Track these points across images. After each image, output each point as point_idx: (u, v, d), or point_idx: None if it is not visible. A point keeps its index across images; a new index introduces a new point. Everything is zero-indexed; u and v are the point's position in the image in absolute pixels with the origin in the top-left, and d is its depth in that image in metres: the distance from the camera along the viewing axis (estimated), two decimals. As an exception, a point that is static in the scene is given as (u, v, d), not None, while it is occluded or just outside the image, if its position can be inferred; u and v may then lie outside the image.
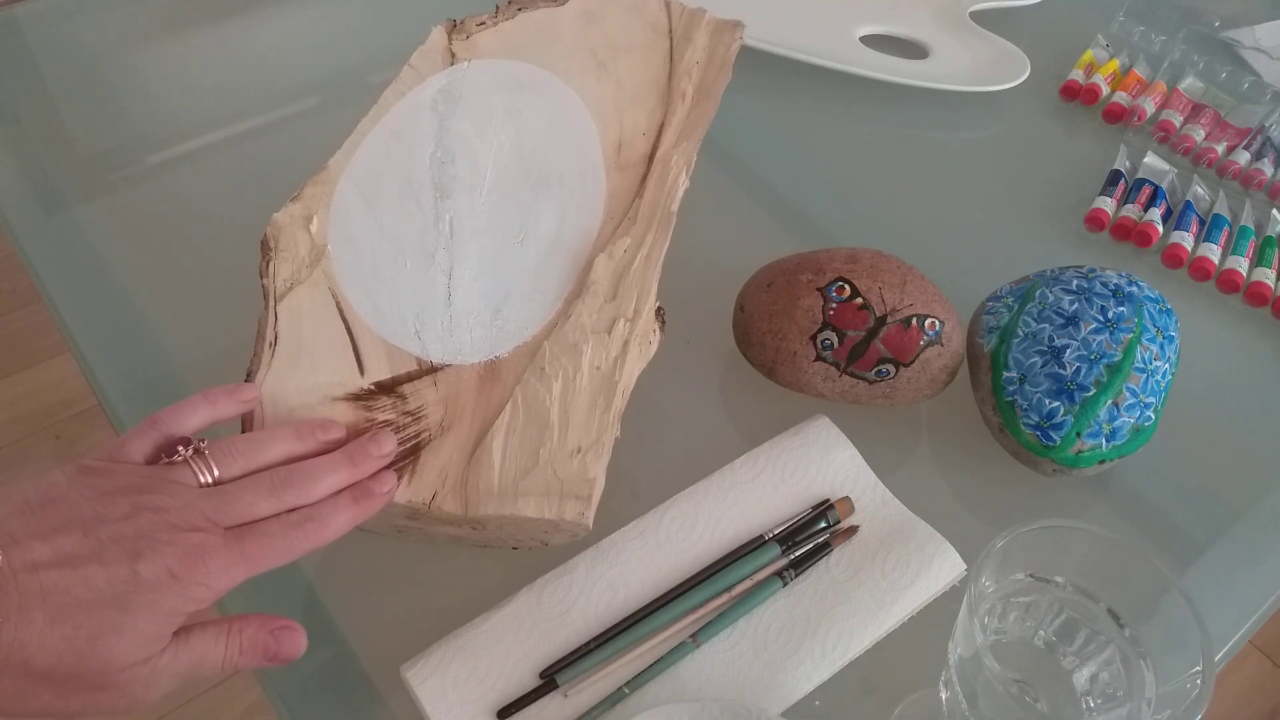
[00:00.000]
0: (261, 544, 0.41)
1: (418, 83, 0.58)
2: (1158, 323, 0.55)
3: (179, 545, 0.39)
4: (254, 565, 0.41)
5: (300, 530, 0.42)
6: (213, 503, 0.41)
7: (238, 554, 0.40)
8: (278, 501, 0.42)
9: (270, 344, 0.49)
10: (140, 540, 0.38)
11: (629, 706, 0.47)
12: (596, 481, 0.48)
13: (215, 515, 0.41)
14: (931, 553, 0.52)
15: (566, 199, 0.56)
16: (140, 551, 0.38)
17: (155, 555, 0.38)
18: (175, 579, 0.38)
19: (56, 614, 0.36)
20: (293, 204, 0.53)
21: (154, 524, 0.39)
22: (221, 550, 0.40)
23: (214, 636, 0.40)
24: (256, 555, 0.41)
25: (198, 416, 0.45)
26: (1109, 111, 0.81)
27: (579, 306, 0.52)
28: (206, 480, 0.42)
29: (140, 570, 0.37)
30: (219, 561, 0.39)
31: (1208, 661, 0.37)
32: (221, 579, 0.39)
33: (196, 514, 0.40)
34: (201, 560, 0.39)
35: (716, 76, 0.60)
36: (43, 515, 0.38)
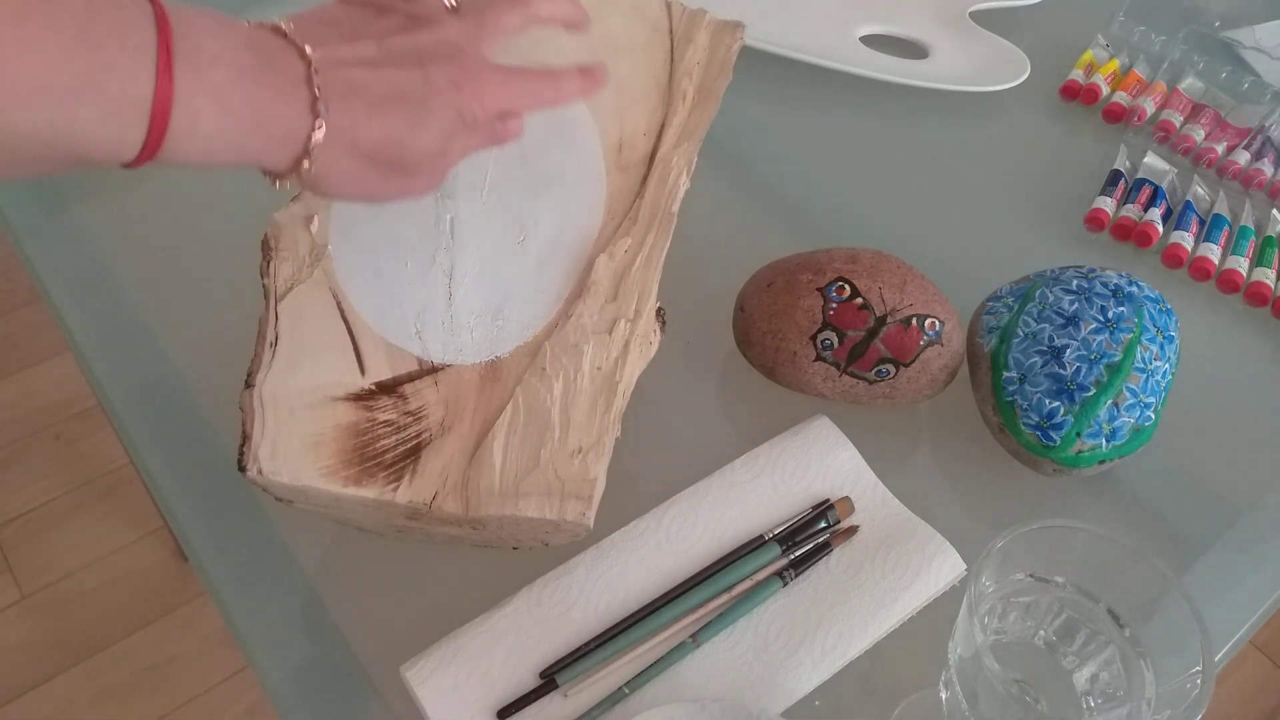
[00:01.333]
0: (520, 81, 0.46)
1: (418, 83, 0.58)
2: (1158, 323, 0.55)
3: (456, 60, 0.43)
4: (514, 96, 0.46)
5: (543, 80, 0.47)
6: (468, 23, 0.45)
7: (502, 79, 0.45)
8: (525, 14, 0.48)
9: (271, 344, 0.49)
10: (424, 53, 0.43)
11: (629, 706, 0.47)
12: (597, 482, 0.48)
13: (474, 34, 0.45)
14: (931, 553, 0.52)
15: (567, 199, 0.56)
16: (426, 61, 0.42)
17: (438, 66, 0.43)
18: (460, 87, 0.43)
19: (372, 105, 0.41)
20: (293, 204, 0.53)
21: (434, 42, 0.43)
22: (492, 70, 0.45)
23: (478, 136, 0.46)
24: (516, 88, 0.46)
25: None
26: (1109, 111, 0.81)
27: (580, 307, 0.52)
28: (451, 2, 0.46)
29: (431, 76, 0.42)
30: (489, 79, 0.44)
31: (1208, 661, 0.37)
32: (495, 97, 0.44)
33: (457, 34, 0.44)
34: (476, 74, 0.44)
35: (717, 77, 0.60)
36: (338, 27, 0.42)
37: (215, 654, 1.33)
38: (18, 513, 1.46)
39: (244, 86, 0.37)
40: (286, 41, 0.40)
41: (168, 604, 1.37)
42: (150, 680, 1.31)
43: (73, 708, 1.29)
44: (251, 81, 0.38)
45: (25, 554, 1.42)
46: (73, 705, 1.29)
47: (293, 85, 0.39)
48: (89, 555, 1.42)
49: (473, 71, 0.44)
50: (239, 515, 0.54)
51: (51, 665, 1.32)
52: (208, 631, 1.35)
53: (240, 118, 0.38)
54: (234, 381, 0.49)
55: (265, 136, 0.39)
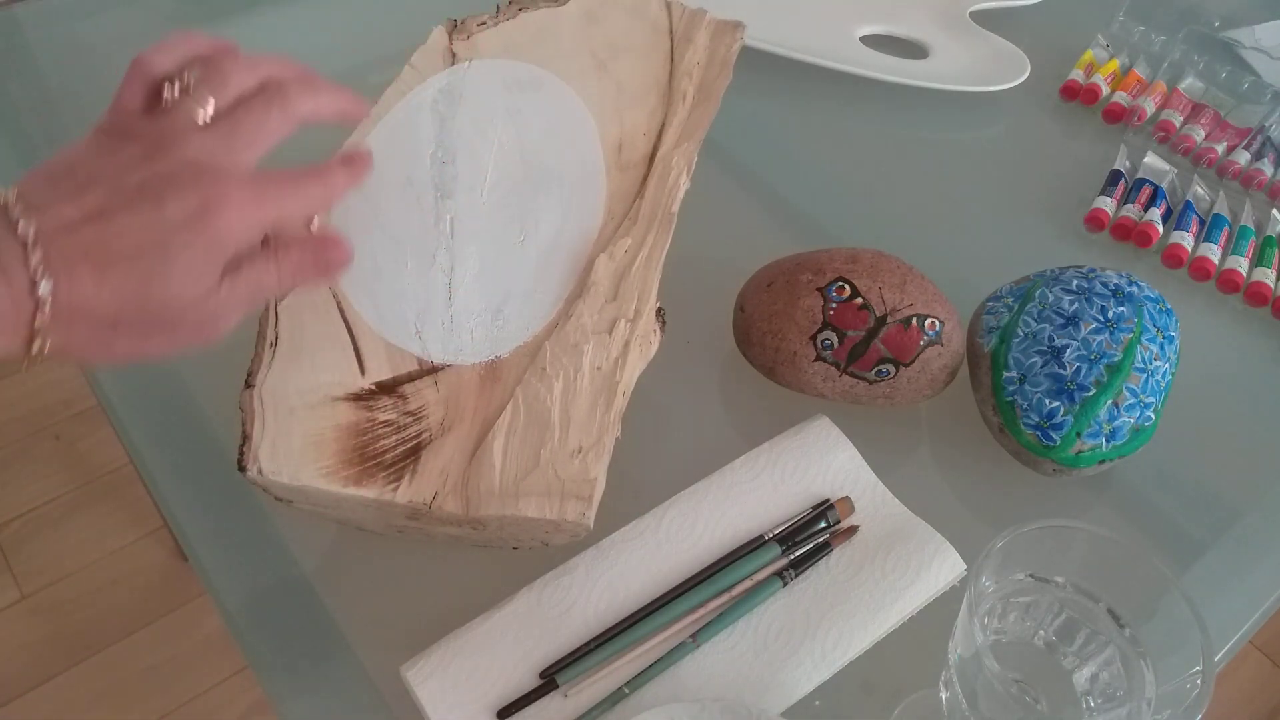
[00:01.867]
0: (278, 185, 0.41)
1: (418, 82, 0.58)
2: (1158, 323, 0.55)
3: (201, 181, 0.39)
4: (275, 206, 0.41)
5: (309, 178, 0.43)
6: (219, 136, 0.40)
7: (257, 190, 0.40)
8: (285, 119, 0.42)
9: (271, 344, 0.49)
10: (162, 183, 0.38)
11: (629, 706, 0.47)
12: (597, 482, 0.48)
13: (227, 148, 0.40)
14: (931, 553, 0.52)
15: (567, 199, 0.56)
16: (164, 194, 0.38)
17: (179, 195, 0.38)
18: (205, 213, 0.38)
19: (102, 267, 0.37)
20: (293, 204, 0.53)
21: (172, 167, 0.39)
22: (241, 184, 0.40)
23: (263, 262, 0.42)
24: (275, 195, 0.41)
25: (177, 50, 0.44)
26: (1109, 111, 0.81)
27: (580, 307, 0.52)
28: (206, 115, 0.41)
29: (169, 212, 0.38)
30: (239, 195, 0.39)
31: (1208, 661, 0.37)
32: (249, 213, 0.40)
33: (204, 151, 0.40)
34: (224, 194, 0.39)
35: (717, 77, 0.60)
36: (66, 181, 0.38)
37: (215, 654, 1.33)
38: (18, 513, 1.46)
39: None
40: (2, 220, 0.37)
41: (168, 604, 1.37)
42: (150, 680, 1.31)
43: (73, 708, 1.29)
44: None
45: (25, 554, 1.42)
46: (73, 705, 1.29)
47: (7, 269, 0.36)
48: (89, 555, 1.42)
49: (220, 195, 0.39)
50: (239, 515, 0.54)
51: (51, 665, 1.32)
52: (208, 631, 1.35)
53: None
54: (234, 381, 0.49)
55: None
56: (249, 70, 0.43)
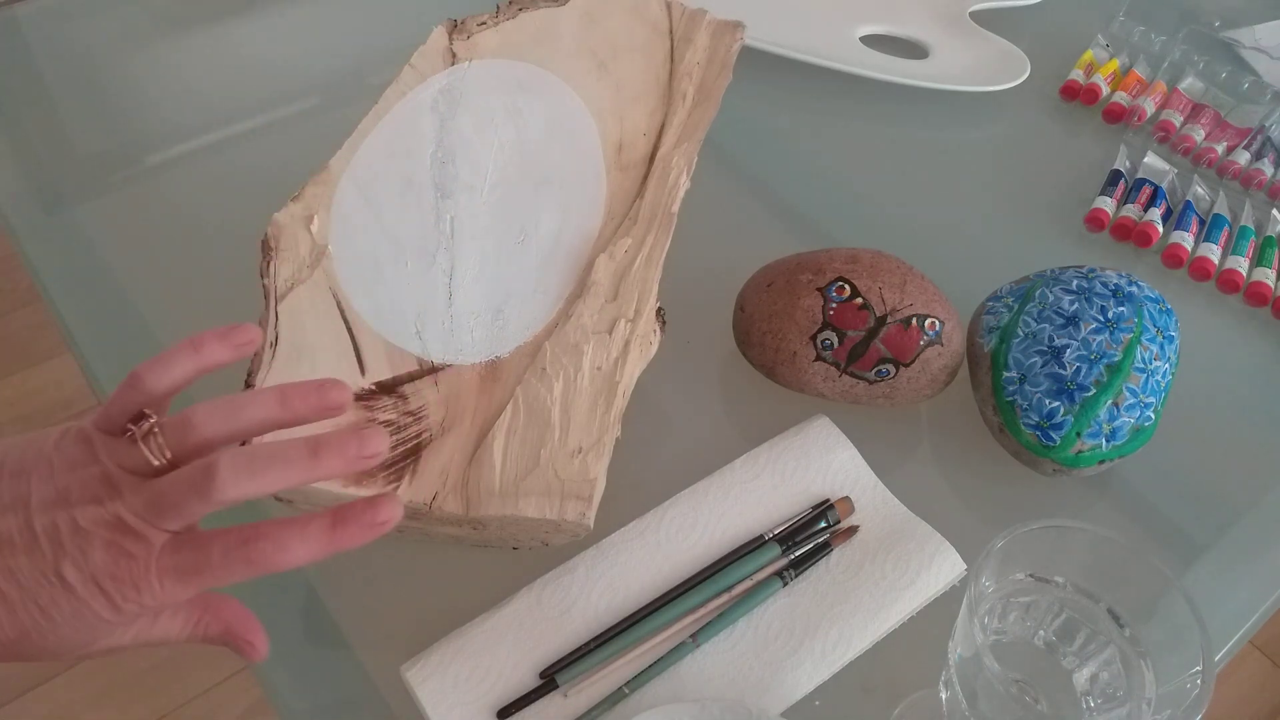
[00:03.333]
0: (196, 562, 0.35)
1: (418, 83, 0.58)
2: (1158, 323, 0.55)
3: (110, 550, 0.34)
4: (190, 584, 0.35)
5: (244, 551, 0.36)
6: (144, 499, 0.35)
7: (170, 568, 0.35)
8: (206, 502, 0.35)
9: (271, 344, 0.49)
10: (74, 539, 0.34)
11: (629, 706, 0.47)
12: (597, 482, 0.48)
13: (150, 516, 0.35)
14: (931, 553, 0.52)
15: (567, 199, 0.56)
16: (68, 553, 0.34)
17: (84, 559, 0.34)
18: (101, 590, 0.34)
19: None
20: (293, 204, 0.53)
21: (90, 519, 0.35)
22: (152, 561, 0.35)
23: (181, 623, 0.38)
24: (190, 573, 0.35)
25: (179, 370, 0.38)
26: (1109, 111, 0.81)
27: (580, 307, 0.52)
28: (160, 464, 0.36)
29: (65, 573, 0.34)
30: (148, 578, 0.35)
31: (1208, 661, 0.37)
32: (153, 595, 0.35)
33: (131, 512, 0.35)
34: (129, 570, 0.34)
35: (717, 77, 0.60)
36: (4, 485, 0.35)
37: (215, 654, 1.33)
38: (18, 513, 1.46)
39: None
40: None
41: (168, 604, 1.37)
42: (150, 680, 1.31)
43: (73, 708, 1.29)
44: None
45: (25, 554, 1.42)
46: (73, 705, 1.29)
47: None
48: (89, 555, 1.41)
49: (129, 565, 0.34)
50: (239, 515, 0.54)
51: (51, 665, 1.32)
52: (208, 631, 1.35)
53: None
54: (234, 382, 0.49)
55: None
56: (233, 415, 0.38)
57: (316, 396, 0.38)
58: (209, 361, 0.39)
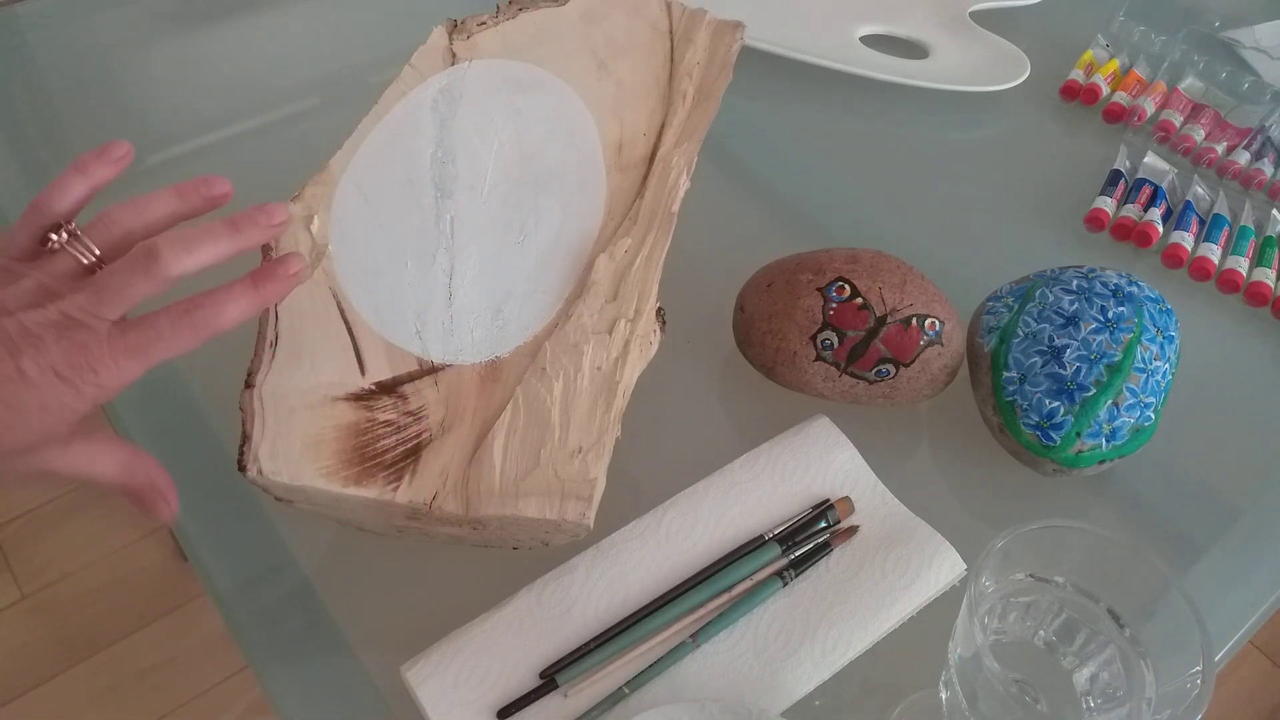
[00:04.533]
0: (147, 335, 0.39)
1: (418, 82, 0.58)
2: (1158, 323, 0.55)
3: (62, 343, 0.37)
4: (143, 357, 0.39)
5: (189, 319, 0.40)
6: (87, 294, 0.39)
7: (123, 348, 0.38)
8: (152, 279, 0.39)
9: (270, 344, 0.49)
10: (24, 337, 0.37)
11: (629, 706, 0.47)
12: (597, 482, 0.48)
13: (93, 306, 0.38)
14: (931, 553, 0.52)
15: (567, 199, 0.56)
16: (22, 349, 0.37)
17: (38, 353, 0.37)
18: (61, 378, 0.37)
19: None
20: (293, 204, 0.53)
21: (34, 321, 0.38)
22: (105, 345, 0.38)
23: (115, 462, 0.41)
24: (143, 347, 0.39)
25: (75, 191, 0.42)
26: (1109, 111, 0.81)
27: (580, 307, 0.52)
28: (88, 261, 0.40)
29: (25, 368, 0.37)
30: (103, 357, 0.38)
31: (1208, 661, 0.37)
32: (111, 375, 0.38)
33: (73, 307, 0.38)
34: (86, 356, 0.38)
35: (717, 77, 0.60)
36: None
37: (215, 654, 1.33)
38: (18, 513, 1.46)
39: None
40: None
41: (168, 604, 1.37)
42: (150, 680, 1.31)
43: (73, 708, 1.29)
44: None
45: (25, 554, 1.42)
46: (73, 705, 1.29)
47: None
48: (89, 555, 1.42)
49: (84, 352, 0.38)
50: (239, 515, 0.54)
51: (51, 665, 1.32)
52: (208, 631, 1.35)
53: None
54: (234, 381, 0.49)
55: None
56: (140, 213, 0.42)
57: (205, 187, 0.44)
58: (97, 180, 0.43)
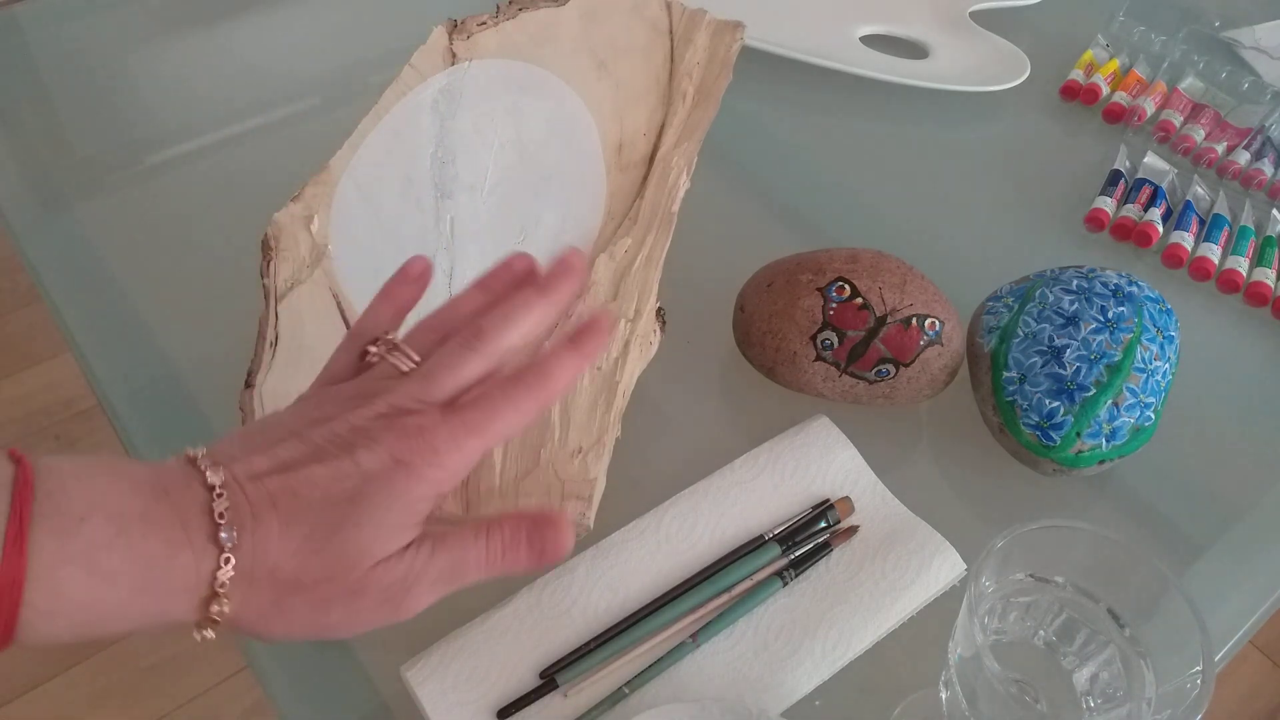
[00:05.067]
0: (484, 411, 0.38)
1: (418, 82, 0.58)
2: (1158, 323, 0.55)
3: (395, 430, 0.36)
4: (482, 434, 0.38)
5: (520, 388, 0.39)
6: (415, 382, 0.38)
7: (460, 425, 0.37)
8: (480, 355, 0.39)
9: (271, 344, 0.49)
10: (355, 434, 0.36)
11: (629, 706, 0.47)
12: (597, 482, 0.48)
13: (423, 394, 0.38)
14: (931, 553, 0.52)
15: (567, 199, 0.56)
16: (356, 444, 0.36)
17: (373, 445, 0.36)
18: (401, 464, 0.36)
19: (290, 516, 0.35)
20: (293, 204, 0.53)
21: (365, 418, 0.37)
22: (441, 425, 0.37)
23: (471, 535, 0.39)
24: (482, 424, 0.38)
25: (385, 314, 0.43)
26: (1109, 111, 0.81)
27: (580, 307, 0.52)
28: (408, 367, 0.40)
29: (361, 461, 0.36)
30: (441, 436, 0.37)
31: (1208, 661, 0.37)
32: (452, 456, 0.37)
33: (402, 397, 0.37)
34: (423, 441, 0.36)
35: (717, 77, 0.60)
36: (259, 436, 0.37)
37: (215, 654, 1.33)
38: (18, 513, 1.46)
39: (126, 539, 0.32)
40: (190, 469, 0.35)
41: (168, 604, 1.37)
42: (150, 680, 1.31)
43: (73, 708, 1.29)
44: (137, 531, 0.33)
45: (25, 554, 1.42)
46: (73, 705, 1.29)
47: (191, 521, 0.34)
48: (89, 555, 1.41)
49: (418, 442, 0.36)
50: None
51: (51, 665, 1.32)
52: (208, 631, 1.35)
53: (121, 577, 0.32)
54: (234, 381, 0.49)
55: (162, 590, 0.33)
56: (451, 315, 0.42)
57: (506, 272, 0.43)
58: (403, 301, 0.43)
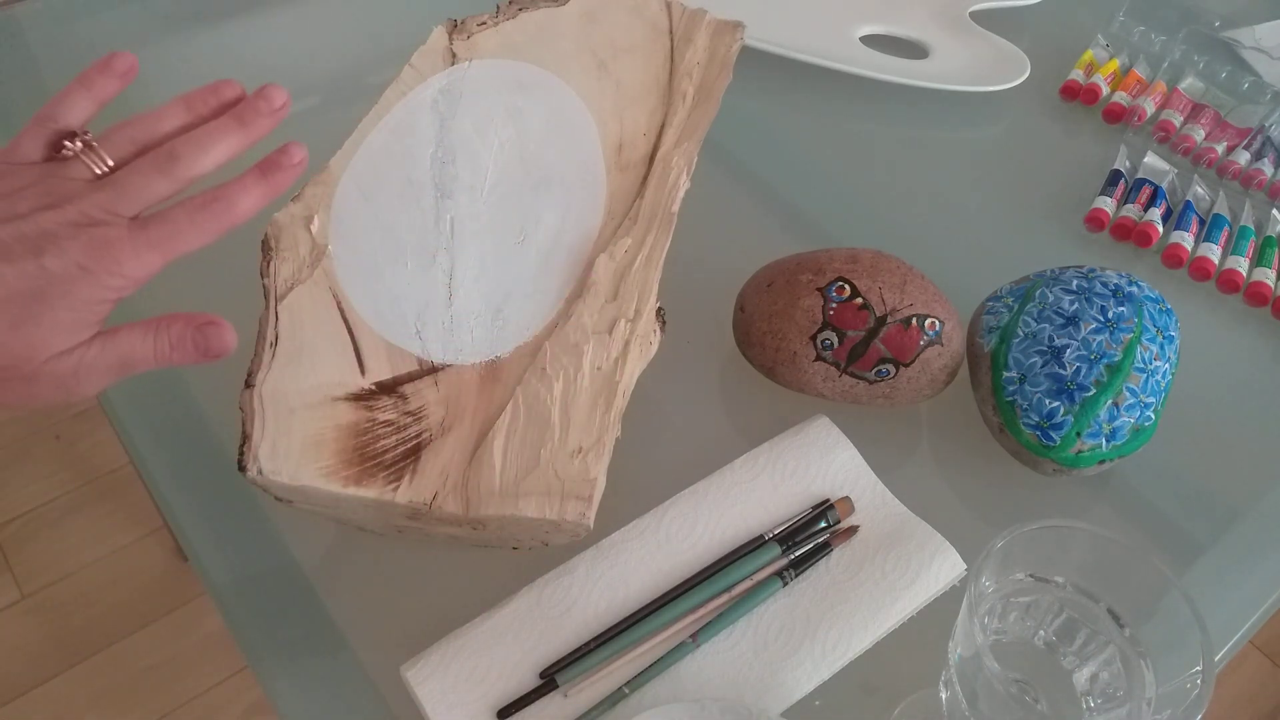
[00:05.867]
0: (167, 229, 0.40)
1: (418, 82, 0.58)
2: (1158, 323, 0.55)
3: (81, 239, 0.38)
4: (164, 249, 0.40)
5: (207, 211, 0.41)
6: (106, 193, 0.40)
7: (144, 241, 0.39)
8: (171, 179, 0.41)
9: (271, 344, 0.49)
10: (43, 238, 0.38)
11: (629, 706, 0.47)
12: (597, 482, 0.48)
13: (112, 205, 0.39)
14: (931, 553, 0.52)
15: (567, 199, 0.56)
16: (44, 248, 0.38)
17: (60, 250, 0.38)
18: (85, 271, 0.38)
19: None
20: (293, 204, 0.53)
21: (53, 221, 0.38)
22: (126, 239, 0.39)
23: (141, 332, 0.41)
24: (164, 240, 0.40)
25: (81, 104, 0.43)
26: (1109, 111, 0.81)
27: (580, 307, 0.52)
28: (101, 170, 0.41)
29: (47, 264, 0.38)
30: (125, 250, 0.39)
31: (1208, 661, 0.37)
32: (134, 267, 0.39)
33: (93, 206, 0.39)
34: (108, 250, 0.38)
35: (717, 77, 0.60)
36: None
37: (215, 654, 1.33)
38: (18, 513, 1.46)
39: None
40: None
41: (168, 604, 1.37)
42: (150, 680, 1.31)
43: (73, 708, 1.29)
44: None
45: (25, 554, 1.42)
46: (73, 705, 1.29)
47: None
48: (89, 555, 1.42)
49: (103, 249, 0.38)
50: (239, 515, 0.54)
51: (51, 665, 1.32)
52: (208, 631, 1.35)
53: None
54: (234, 381, 0.49)
55: None
56: (151, 127, 0.43)
57: (214, 95, 0.44)
58: (102, 94, 0.44)
